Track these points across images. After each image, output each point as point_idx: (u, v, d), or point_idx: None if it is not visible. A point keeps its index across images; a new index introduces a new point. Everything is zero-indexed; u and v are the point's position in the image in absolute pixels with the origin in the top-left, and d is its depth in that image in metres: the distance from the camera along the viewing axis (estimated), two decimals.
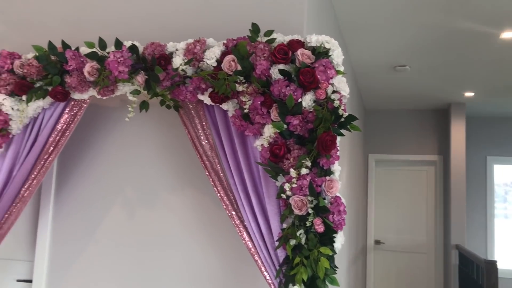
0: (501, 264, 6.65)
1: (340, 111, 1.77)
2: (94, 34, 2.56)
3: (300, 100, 1.80)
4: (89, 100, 2.24)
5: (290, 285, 1.78)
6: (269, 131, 1.86)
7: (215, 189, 2.08)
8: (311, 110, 1.80)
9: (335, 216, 1.76)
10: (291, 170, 1.78)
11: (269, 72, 1.86)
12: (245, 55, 1.89)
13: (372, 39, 3.98)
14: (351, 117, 1.78)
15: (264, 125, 1.89)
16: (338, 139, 1.79)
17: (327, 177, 1.78)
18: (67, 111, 2.25)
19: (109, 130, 2.53)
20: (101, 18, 2.59)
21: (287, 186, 1.77)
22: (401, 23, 3.58)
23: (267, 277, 1.94)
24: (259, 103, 1.85)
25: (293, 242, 1.78)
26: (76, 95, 2.17)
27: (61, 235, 2.57)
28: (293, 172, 1.77)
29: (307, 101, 1.80)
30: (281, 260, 1.88)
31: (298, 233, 1.76)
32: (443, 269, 6.73)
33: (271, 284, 1.92)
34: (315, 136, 1.78)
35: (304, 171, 1.75)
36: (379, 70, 4.96)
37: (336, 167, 1.82)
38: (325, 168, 1.79)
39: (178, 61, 1.99)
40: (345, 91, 1.83)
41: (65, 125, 2.25)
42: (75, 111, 2.26)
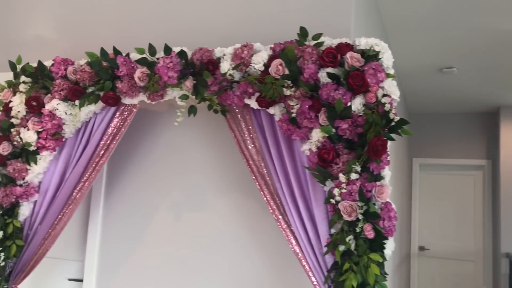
0: None
1: (391, 115, 1.73)
2: (144, 40, 2.62)
3: (349, 103, 1.78)
4: (138, 105, 2.29)
5: None
6: (317, 135, 1.84)
7: (261, 193, 2.08)
8: (361, 114, 1.77)
9: (385, 222, 1.73)
10: (340, 175, 1.75)
11: (317, 75, 1.85)
12: (292, 59, 1.89)
13: (418, 40, 3.89)
14: (402, 121, 1.74)
15: (312, 129, 1.88)
16: (389, 144, 1.76)
17: (377, 182, 1.75)
18: (117, 115, 2.31)
19: (157, 134, 2.58)
20: (150, 24, 2.65)
21: (336, 191, 1.75)
22: (449, 24, 3.49)
23: (315, 282, 1.92)
24: (307, 107, 1.84)
25: (342, 247, 1.75)
26: (127, 100, 2.23)
27: (110, 236, 2.63)
28: (342, 177, 1.75)
29: (357, 104, 1.78)
30: (329, 265, 1.86)
31: (347, 239, 1.73)
32: (492, 278, 6.48)
33: None
34: (364, 140, 1.76)
35: (353, 176, 1.73)
36: (424, 72, 4.84)
37: (386, 172, 1.78)
38: (375, 173, 1.76)
39: (226, 66, 2.01)
40: (395, 94, 1.80)
41: (115, 129, 2.31)
42: (125, 115, 2.31)
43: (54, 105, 2.28)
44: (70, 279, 2.77)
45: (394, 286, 4.86)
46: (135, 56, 2.20)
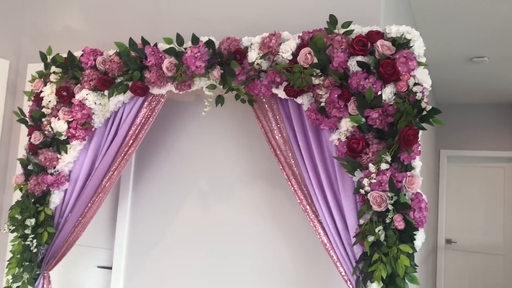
0: None
1: (423, 104, 1.70)
2: (171, 30, 2.62)
3: (379, 92, 1.75)
4: (166, 95, 2.30)
5: (369, 282, 1.74)
6: (346, 124, 1.82)
7: (288, 183, 2.07)
8: (392, 103, 1.74)
9: (416, 213, 1.70)
10: (370, 165, 1.73)
11: (346, 64, 1.82)
12: (321, 47, 1.86)
13: (448, 29, 3.79)
14: (434, 111, 1.70)
15: (341, 118, 1.86)
16: (420, 133, 1.72)
17: (408, 173, 1.72)
18: (145, 105, 2.33)
19: (184, 124, 2.59)
20: (178, 14, 2.66)
21: (365, 182, 1.73)
22: (479, 13, 3.39)
23: (343, 273, 1.91)
24: (336, 96, 1.82)
25: (371, 238, 1.73)
26: (155, 90, 2.24)
27: (139, 225, 2.67)
28: (372, 167, 1.72)
29: (387, 93, 1.74)
30: (357, 256, 1.84)
31: (376, 230, 1.71)
32: None
33: (347, 281, 1.88)
34: (395, 130, 1.73)
35: (384, 166, 1.70)
36: (454, 62, 4.73)
37: (417, 162, 1.75)
38: (405, 163, 1.73)
39: (253, 55, 1.99)
40: (427, 83, 1.76)
41: (144, 119, 2.33)
42: (153, 105, 2.33)
43: (84, 95, 2.31)
44: (99, 267, 2.82)
45: (421, 279, 4.80)
46: (163, 46, 2.20)
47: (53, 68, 2.44)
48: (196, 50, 2.06)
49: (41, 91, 2.47)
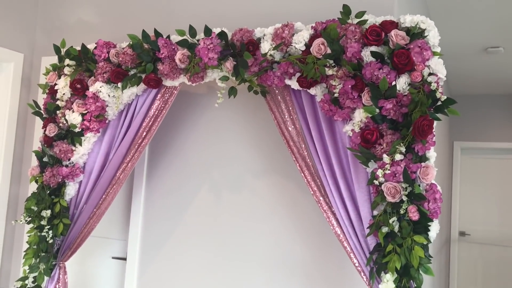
0: None
1: (438, 94, 1.68)
2: (184, 22, 2.63)
3: (393, 83, 1.74)
4: (179, 87, 2.31)
5: (382, 273, 1.74)
6: (360, 115, 1.81)
7: (301, 174, 2.07)
8: (406, 94, 1.73)
9: (430, 204, 1.69)
10: (384, 156, 1.72)
11: (360, 54, 1.81)
12: (335, 37, 1.85)
13: (462, 18, 3.74)
14: (449, 101, 1.69)
15: (355, 109, 1.85)
16: (434, 124, 1.71)
17: (423, 164, 1.71)
18: (159, 97, 2.34)
19: (197, 116, 2.60)
20: (191, 6, 2.65)
21: (379, 173, 1.72)
22: (495, 1, 3.34)
23: (356, 264, 1.91)
24: (349, 86, 1.81)
25: (385, 229, 1.73)
26: (168, 82, 2.25)
27: (153, 216, 2.69)
28: (386, 158, 1.72)
29: (402, 84, 1.73)
30: (371, 247, 1.84)
31: (391, 221, 1.71)
32: None
33: (361, 272, 1.88)
34: (409, 120, 1.71)
35: (398, 157, 1.69)
36: (468, 52, 4.67)
37: (431, 153, 1.74)
38: (420, 154, 1.72)
39: (266, 46, 1.99)
40: (442, 73, 1.74)
41: (157, 111, 2.34)
42: (166, 97, 2.34)
43: (98, 87, 2.33)
44: (114, 257, 2.85)
45: (434, 271, 4.78)
46: (175, 38, 2.21)
47: (67, 61, 2.45)
48: (208, 41, 2.06)
49: (55, 84, 2.49)
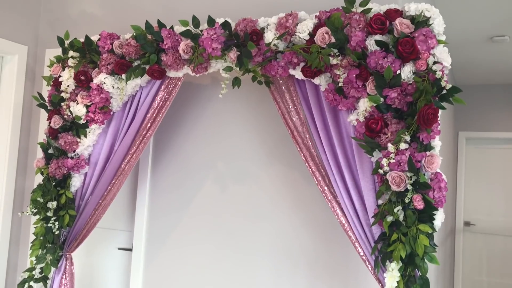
0: None
1: (443, 83, 1.67)
2: (187, 12, 2.62)
3: (398, 71, 1.73)
4: (183, 78, 2.30)
5: (387, 262, 1.74)
6: (364, 105, 1.80)
7: (306, 164, 2.07)
8: (411, 82, 1.72)
9: (435, 192, 1.69)
10: (389, 145, 1.72)
11: (364, 43, 1.80)
12: (339, 26, 1.84)
13: (467, 7, 3.71)
14: (454, 89, 1.68)
15: (359, 99, 1.84)
16: (439, 113, 1.70)
17: (427, 152, 1.71)
18: (162, 88, 2.33)
19: (202, 107, 2.60)
20: None
21: (384, 162, 1.72)
22: None
23: (361, 253, 1.91)
24: (354, 76, 1.80)
25: (390, 218, 1.73)
26: (172, 73, 2.24)
27: (158, 208, 2.70)
28: (391, 147, 1.71)
29: (406, 72, 1.72)
30: (375, 236, 1.84)
31: (395, 210, 1.71)
32: None
33: (366, 261, 1.89)
34: (414, 109, 1.71)
35: (403, 146, 1.69)
36: (473, 42, 4.63)
37: (436, 142, 1.73)
38: (425, 143, 1.71)
39: (270, 36, 1.98)
40: (447, 61, 1.73)
41: (161, 102, 2.34)
42: (170, 88, 2.34)
43: (102, 79, 2.33)
44: (120, 248, 2.87)
45: (439, 260, 4.79)
46: (179, 28, 2.20)
47: (70, 53, 2.46)
48: (212, 32, 2.05)
49: (59, 76, 2.49)
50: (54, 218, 2.42)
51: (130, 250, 2.83)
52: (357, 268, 2.20)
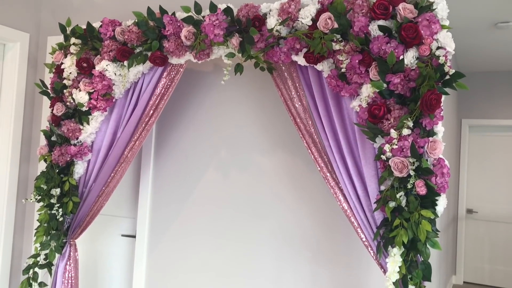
0: None
1: (446, 68, 1.67)
2: None
3: (401, 57, 1.72)
4: (185, 65, 2.30)
5: (390, 247, 1.75)
6: (367, 90, 1.80)
7: (308, 151, 2.07)
8: (414, 68, 1.71)
9: (438, 178, 1.69)
10: (392, 130, 1.71)
11: (367, 28, 1.79)
12: (342, 12, 1.83)
13: None
14: (457, 74, 1.67)
15: (362, 84, 1.84)
16: (442, 98, 1.70)
17: (430, 138, 1.70)
18: (165, 75, 2.33)
19: (204, 94, 2.59)
20: None
21: (387, 148, 1.71)
22: None
23: (363, 239, 1.92)
24: (357, 61, 1.79)
25: (392, 204, 1.73)
26: (174, 60, 2.24)
27: (161, 194, 2.71)
28: (393, 133, 1.71)
29: (409, 58, 1.71)
30: (378, 222, 1.85)
31: (398, 195, 1.71)
32: None
33: (368, 246, 1.90)
34: (417, 95, 1.70)
35: (405, 131, 1.69)
36: (477, 28, 4.60)
37: (439, 127, 1.73)
38: (427, 129, 1.71)
39: (272, 21, 1.97)
40: (450, 46, 1.72)
41: (163, 89, 2.34)
42: (172, 75, 2.33)
43: (104, 66, 2.32)
44: (123, 235, 2.89)
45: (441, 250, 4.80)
46: (181, 15, 2.19)
47: (72, 40, 2.45)
48: (214, 18, 2.04)
49: (61, 63, 2.49)
50: (58, 205, 2.43)
51: (134, 236, 2.84)
52: (360, 254, 2.21)
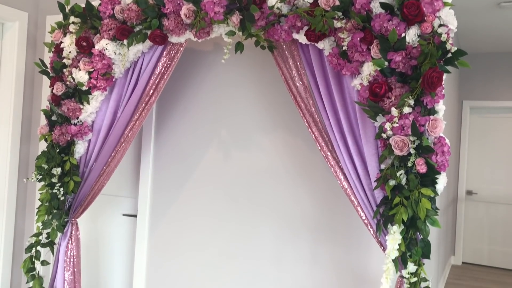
0: None
1: (448, 46, 1.65)
2: None
3: (403, 35, 1.71)
4: (185, 44, 2.28)
5: (389, 225, 1.76)
6: (368, 69, 1.79)
7: (309, 130, 2.07)
8: (415, 46, 1.70)
9: (438, 156, 1.69)
10: (393, 109, 1.71)
11: (369, 6, 1.77)
12: None
13: None
14: (459, 52, 1.66)
15: (363, 63, 1.82)
16: (444, 76, 1.69)
17: (431, 117, 1.70)
18: (165, 54, 2.32)
19: (204, 73, 2.58)
20: None
21: (387, 126, 1.71)
22: None
23: (363, 217, 1.93)
24: (358, 39, 1.78)
25: (392, 182, 1.74)
26: (174, 38, 2.22)
27: (162, 174, 2.72)
28: (394, 111, 1.70)
29: (411, 35, 1.70)
30: (378, 200, 1.86)
31: (398, 174, 1.71)
32: None
33: (368, 225, 1.91)
34: (419, 73, 1.69)
35: (406, 110, 1.68)
36: (479, 8, 4.56)
37: (440, 106, 1.73)
38: (429, 107, 1.71)
39: None
40: (453, 24, 1.70)
41: (163, 68, 2.33)
42: (172, 54, 2.32)
43: (103, 45, 2.31)
44: (124, 215, 2.91)
45: (440, 230, 4.83)
46: None
47: (72, 19, 2.43)
48: None
49: (61, 42, 2.47)
50: (59, 185, 2.44)
51: (135, 216, 2.86)
52: (359, 232, 2.23)
